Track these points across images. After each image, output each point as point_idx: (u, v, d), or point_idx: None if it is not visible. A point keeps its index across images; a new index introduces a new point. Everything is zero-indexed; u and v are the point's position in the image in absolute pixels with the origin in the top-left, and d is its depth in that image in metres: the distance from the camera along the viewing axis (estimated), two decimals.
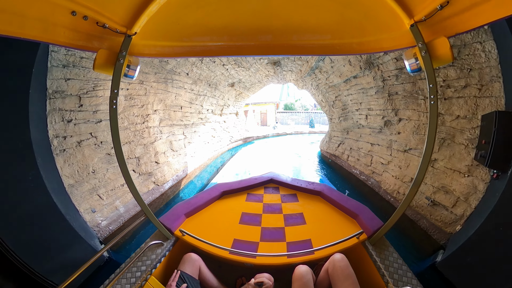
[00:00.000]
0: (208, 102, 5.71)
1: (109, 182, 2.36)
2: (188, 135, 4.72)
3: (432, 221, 2.00)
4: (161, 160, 3.40)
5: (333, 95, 4.89)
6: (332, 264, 0.96)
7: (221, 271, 1.22)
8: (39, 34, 0.73)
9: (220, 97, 6.50)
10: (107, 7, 0.79)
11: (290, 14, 0.92)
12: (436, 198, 2.05)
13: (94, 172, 2.21)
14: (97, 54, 0.86)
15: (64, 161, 1.94)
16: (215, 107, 6.53)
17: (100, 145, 2.31)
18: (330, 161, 5.53)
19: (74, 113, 2.04)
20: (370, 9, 0.89)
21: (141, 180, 2.87)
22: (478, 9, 0.70)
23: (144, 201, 1.10)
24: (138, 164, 2.88)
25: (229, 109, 8.31)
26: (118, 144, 0.95)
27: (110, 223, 2.21)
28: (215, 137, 6.87)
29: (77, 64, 1.95)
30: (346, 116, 4.68)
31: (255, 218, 1.49)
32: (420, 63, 0.87)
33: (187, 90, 4.22)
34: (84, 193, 2.07)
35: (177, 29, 0.94)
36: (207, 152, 5.89)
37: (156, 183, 3.13)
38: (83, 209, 2.00)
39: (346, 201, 1.54)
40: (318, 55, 1.29)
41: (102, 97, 2.27)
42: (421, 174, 0.92)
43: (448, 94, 1.97)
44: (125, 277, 0.98)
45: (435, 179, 2.11)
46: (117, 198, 2.41)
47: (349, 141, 4.58)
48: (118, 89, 0.91)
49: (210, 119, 6.26)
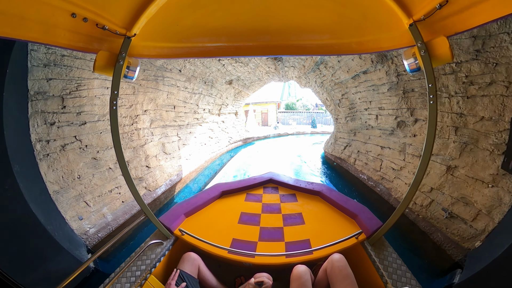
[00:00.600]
0: (205, 101, 5.74)
1: (96, 188, 2.41)
2: (183, 136, 4.79)
3: (448, 235, 1.96)
4: (153, 164, 3.45)
5: (340, 93, 4.86)
6: (331, 264, 1.02)
7: (220, 271, 1.31)
8: (39, 36, 0.79)
9: (217, 96, 6.53)
10: (107, 9, 0.86)
11: (289, 14, 0.99)
12: (454, 210, 1.99)
13: (80, 178, 2.26)
14: (97, 56, 0.93)
15: (48, 166, 1.98)
16: (212, 107, 6.57)
17: (85, 149, 2.36)
18: (335, 164, 5.45)
19: (57, 115, 2.09)
20: (368, 9, 0.94)
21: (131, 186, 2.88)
22: (478, 8, 0.74)
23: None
24: (128, 169, 2.86)
25: (227, 109, 8.32)
26: (119, 144, 1.03)
27: (98, 230, 2.26)
28: (212, 138, 6.90)
29: (59, 62, 1.98)
30: (354, 116, 4.64)
31: (254, 218, 1.58)
32: (419, 63, 0.91)
33: (180, 88, 4.26)
34: (70, 199, 2.12)
35: (176, 30, 1.02)
36: (204, 154, 5.90)
37: (147, 189, 3.18)
38: (70, 216, 2.05)
39: (345, 201, 1.63)
40: (317, 55, 1.39)
41: (86, 98, 2.29)
42: (420, 174, 1.00)
43: (471, 92, 1.88)
44: (125, 276, 1.06)
45: (454, 188, 2.06)
46: (104, 205, 2.47)
47: (357, 144, 4.54)
48: (118, 90, 0.99)
49: (207, 119, 6.37)
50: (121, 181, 2.70)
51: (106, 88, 2.49)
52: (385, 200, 3.02)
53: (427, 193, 2.34)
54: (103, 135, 2.50)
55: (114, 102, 0.97)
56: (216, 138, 7.37)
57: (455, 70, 1.93)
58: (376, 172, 3.49)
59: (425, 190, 2.40)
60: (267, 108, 18.86)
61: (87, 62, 2.14)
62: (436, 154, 2.33)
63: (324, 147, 6.82)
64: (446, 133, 2.21)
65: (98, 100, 2.43)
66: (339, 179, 4.72)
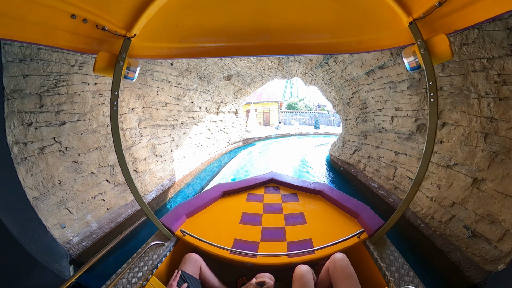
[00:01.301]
0: (201, 98, 5.78)
1: (78, 194, 2.47)
2: (176, 137, 4.88)
3: (468, 255, 1.94)
4: (141, 167, 3.55)
5: (350, 91, 4.82)
6: (333, 263, 1.09)
7: (222, 271, 1.39)
8: (39, 37, 0.85)
9: (215, 93, 6.58)
10: (107, 10, 0.93)
11: (288, 13, 1.06)
12: (477, 228, 1.95)
13: (60, 183, 2.31)
14: (97, 57, 1.00)
15: (27, 171, 2.02)
16: (209, 105, 6.60)
17: (65, 152, 2.41)
18: (342, 169, 5.34)
19: (34, 115, 2.12)
20: (368, 8, 1.01)
21: (118, 192, 2.96)
22: (477, 5, 0.78)
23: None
24: (113, 173, 2.96)
25: (227, 107, 8.35)
26: (119, 144, 1.12)
27: (82, 239, 2.30)
28: (210, 139, 6.94)
29: (35, 57, 2.00)
30: (365, 117, 4.61)
31: (256, 218, 1.68)
32: (419, 61, 0.98)
33: (172, 83, 4.29)
34: (51, 206, 2.15)
35: (176, 30, 1.10)
36: (200, 156, 5.92)
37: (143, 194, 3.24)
38: (51, 224, 2.08)
39: (347, 201, 1.73)
40: (317, 54, 1.45)
41: (65, 95, 2.30)
42: (421, 173, 1.07)
43: (504, 93, 1.81)
44: (127, 277, 1.14)
45: (480, 204, 2.00)
46: (88, 212, 2.52)
47: (367, 148, 4.52)
48: (119, 91, 1.07)
49: (204, 118, 6.52)
50: (105, 187, 2.75)
51: (87, 84, 2.54)
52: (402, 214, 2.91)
53: (448, 208, 2.31)
54: (84, 136, 2.54)
55: (114, 102, 1.06)
56: (214, 139, 7.54)
57: (486, 66, 1.84)
58: (389, 180, 3.44)
59: (445, 204, 2.35)
60: (269, 107, 19.75)
61: (65, 55, 2.19)
62: (461, 164, 2.24)
63: (331, 150, 6.84)
64: (474, 140, 2.09)
65: (78, 97, 2.47)
66: (346, 186, 4.73)
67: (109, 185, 2.81)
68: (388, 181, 3.42)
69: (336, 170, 5.84)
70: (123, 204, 2.93)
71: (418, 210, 2.68)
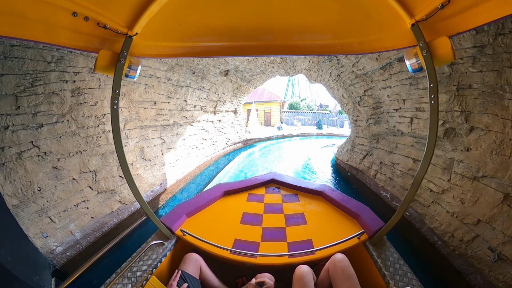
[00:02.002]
0: (195, 96, 5.79)
1: (60, 202, 2.55)
2: (168, 138, 4.98)
3: (490, 279, 1.91)
4: None
5: (361, 89, 4.79)
6: (333, 264, 1.18)
7: (222, 271, 1.49)
8: (40, 35, 0.91)
9: (211, 90, 6.65)
10: (108, 8, 0.99)
11: (291, 14, 1.14)
12: (504, 251, 1.89)
13: (41, 190, 2.38)
14: (98, 55, 1.08)
15: (5, 177, 2.09)
16: (205, 103, 6.86)
17: (44, 157, 2.49)
18: (349, 174, 5.18)
19: (11, 118, 2.21)
20: (370, 9, 1.08)
21: (101, 199, 3.02)
22: (480, 7, 0.83)
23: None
24: (95, 180, 3.05)
25: (225, 106, 8.66)
26: (120, 143, 1.20)
27: (66, 249, 2.37)
28: (206, 140, 7.00)
29: (9, 54, 2.07)
30: (379, 118, 4.60)
31: (256, 218, 1.79)
32: (421, 63, 1.05)
33: (162, 79, 4.28)
34: (32, 215, 2.23)
35: (178, 29, 1.18)
36: (195, 159, 6.16)
37: (122, 202, 3.36)
38: (33, 233, 2.15)
39: (347, 201, 1.85)
40: (319, 55, 1.72)
41: (42, 95, 2.39)
42: (421, 174, 1.16)
43: None
44: (126, 276, 1.22)
45: (510, 224, 1.91)
46: (71, 221, 2.60)
47: (379, 153, 4.48)
48: (120, 89, 1.15)
49: (199, 117, 6.67)
50: (88, 194, 2.82)
51: (65, 82, 2.58)
52: (416, 228, 2.90)
53: (472, 226, 2.24)
54: (63, 139, 2.61)
55: (115, 101, 1.14)
56: (211, 140, 7.77)
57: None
58: (404, 191, 3.38)
59: (469, 222, 2.28)
60: (270, 107, 20.66)
61: (40, 51, 2.22)
62: (491, 177, 2.13)
63: (337, 153, 6.83)
64: (508, 149, 1.96)
65: (56, 97, 2.50)
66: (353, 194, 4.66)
67: (92, 192, 2.86)
68: (404, 192, 3.34)
69: (343, 176, 5.81)
70: (108, 212, 2.98)
71: (436, 226, 2.62)
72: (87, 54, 2.52)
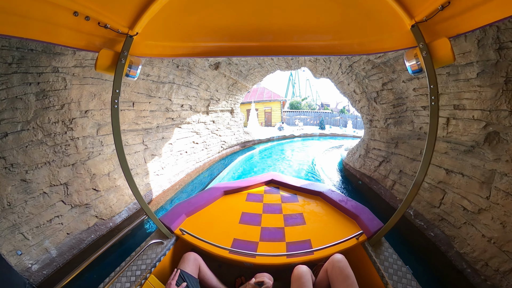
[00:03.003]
0: (181, 93, 5.50)
1: (32, 217, 2.52)
2: (151, 144, 4.73)
3: None
4: (103, 185, 3.40)
5: (379, 82, 4.28)
6: (332, 264, 1.28)
7: (220, 271, 1.62)
8: (41, 35, 0.99)
9: (201, 87, 6.46)
10: (109, 7, 1.07)
11: (291, 14, 1.24)
12: None
13: (11, 205, 2.36)
14: (99, 54, 1.16)
15: None
16: (195, 102, 6.48)
17: (12, 169, 2.42)
18: (360, 183, 4.97)
19: None
20: (370, 10, 1.18)
21: (76, 214, 2.97)
22: (480, 9, 0.91)
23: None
24: (68, 193, 2.94)
25: (219, 105, 8.34)
26: (120, 143, 1.29)
27: (43, 267, 2.40)
28: (198, 144, 6.88)
29: None
30: (400, 117, 4.07)
31: (255, 218, 1.94)
32: (421, 64, 1.15)
33: (139, 75, 4.03)
34: (3, 231, 2.24)
35: (178, 29, 1.28)
36: (185, 166, 6.00)
37: (99, 217, 3.20)
38: (6, 251, 2.19)
39: (346, 202, 2.01)
40: (319, 55, 1.67)
41: (5, 100, 2.34)
42: (422, 175, 1.26)
43: None
44: (125, 275, 1.32)
45: None
46: (46, 238, 2.59)
47: (399, 159, 4.01)
48: (120, 89, 1.24)
49: (188, 119, 6.33)
50: (61, 209, 2.77)
51: (28, 85, 2.48)
52: (441, 252, 2.65)
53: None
54: (29, 149, 2.53)
55: (115, 101, 1.24)
56: (204, 144, 7.43)
57: None
58: (432, 208, 2.96)
59: (510, 250, 2.03)
60: (271, 107, 21.55)
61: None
62: None
63: (347, 158, 6.44)
64: None
65: (20, 102, 2.42)
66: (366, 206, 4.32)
67: (65, 206, 2.84)
68: (430, 209, 2.96)
69: (353, 184, 5.55)
70: (84, 228, 2.93)
71: (467, 251, 2.39)
72: (49, 52, 2.46)
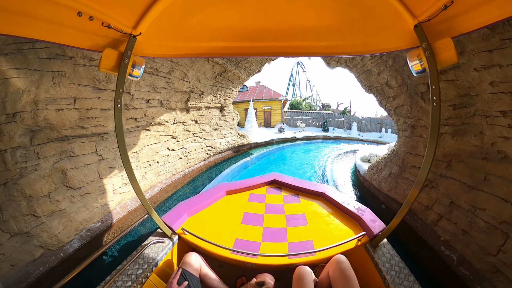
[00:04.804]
0: (144, 84, 4.54)
1: None
2: (108, 153, 4.03)
3: None
4: (44, 209, 3.04)
5: None
6: (333, 265, 1.52)
7: (222, 271, 1.88)
8: (45, 34, 1.21)
9: (174, 75, 5.32)
10: (113, 8, 1.29)
11: (293, 15, 1.48)
12: None
13: None
14: (103, 54, 1.39)
15: None
16: (166, 96, 5.44)
17: None
18: (383, 207, 4.72)
19: None
20: (373, 10, 1.41)
21: (18, 244, 2.77)
22: (483, 8, 1.08)
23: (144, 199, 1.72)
24: (3, 219, 2.73)
25: (203, 100, 7.24)
26: (123, 142, 1.52)
27: None
28: (175, 151, 6.46)
29: None
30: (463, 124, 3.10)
31: (257, 218, 2.27)
32: (424, 64, 1.38)
33: (79, 62, 3.14)
34: None
35: (181, 29, 1.52)
36: (157, 179, 5.27)
37: (46, 247, 3.00)
38: None
39: (349, 203, 2.34)
40: (322, 56, 1.76)
41: None
42: (423, 176, 1.49)
43: None
44: (126, 273, 1.57)
45: None
46: None
47: (451, 186, 3.19)
48: (123, 88, 1.47)
49: (159, 118, 5.41)
50: (4, 237, 2.70)
51: None
52: None
53: None
54: None
55: (119, 100, 1.43)
56: (183, 150, 6.49)
57: None
58: (485, 255, 2.47)
59: None
60: (270, 106, 23.27)
61: None
62: None
63: (368, 174, 5.68)
64: None
65: None
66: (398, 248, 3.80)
67: (4, 234, 2.68)
68: (483, 256, 2.52)
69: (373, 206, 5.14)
70: (30, 260, 2.79)
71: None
72: None
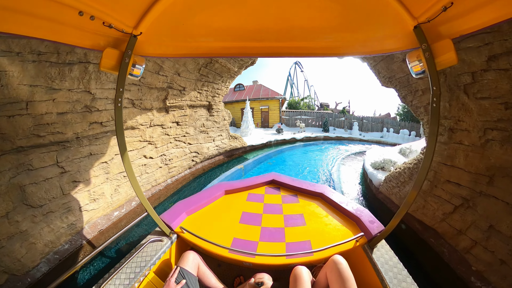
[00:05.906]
0: (107, 80, 4.18)
1: None
2: (72, 165, 3.77)
3: None
4: (2, 231, 3.04)
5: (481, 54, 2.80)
6: (331, 266, 1.64)
7: (220, 270, 2.07)
8: (47, 33, 1.32)
9: (147, 68, 5.09)
10: (114, 8, 1.41)
11: (294, 15, 1.60)
12: None
13: None
14: (103, 54, 1.51)
15: None
16: (138, 94, 5.01)
17: None
18: (403, 227, 4.55)
19: None
20: (373, 11, 1.53)
21: None
22: (483, 10, 1.17)
23: None
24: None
25: (185, 98, 6.69)
26: (123, 141, 1.69)
27: None
28: (153, 159, 6.07)
29: None
30: None
31: (256, 217, 2.50)
32: (423, 65, 1.50)
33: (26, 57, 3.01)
34: None
35: (182, 29, 1.64)
36: (132, 193, 5.12)
37: (10, 273, 2.97)
38: None
39: (347, 204, 2.58)
40: (322, 56, 1.95)
41: None
42: (421, 177, 1.63)
43: None
44: (125, 272, 1.73)
45: None
46: None
47: (491, 206, 2.82)
48: (124, 87, 1.61)
49: (131, 121, 5.05)
50: None
51: None
52: None
53: None
54: None
55: (119, 99, 1.61)
56: (162, 157, 5.94)
57: None
58: None
59: None
60: (268, 105, 24.18)
61: None
62: None
63: (384, 186, 5.56)
64: None
65: None
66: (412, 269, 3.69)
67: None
68: None
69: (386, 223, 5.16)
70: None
71: None
72: None
